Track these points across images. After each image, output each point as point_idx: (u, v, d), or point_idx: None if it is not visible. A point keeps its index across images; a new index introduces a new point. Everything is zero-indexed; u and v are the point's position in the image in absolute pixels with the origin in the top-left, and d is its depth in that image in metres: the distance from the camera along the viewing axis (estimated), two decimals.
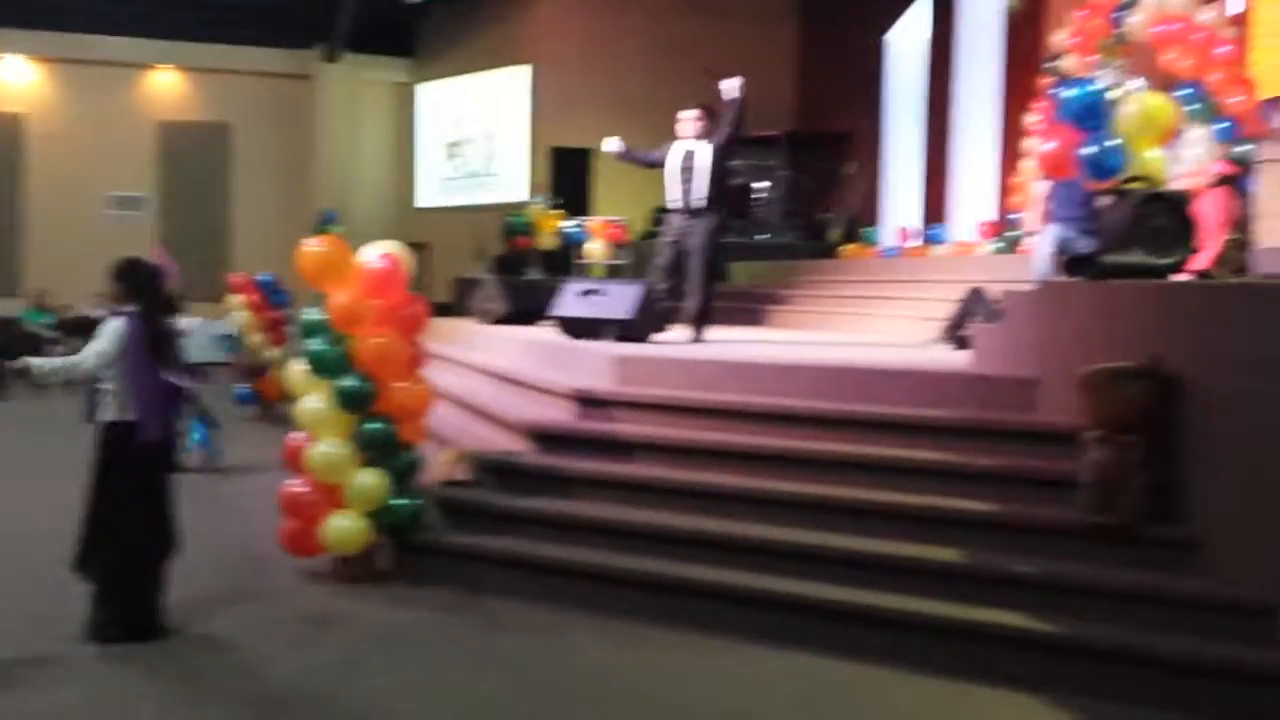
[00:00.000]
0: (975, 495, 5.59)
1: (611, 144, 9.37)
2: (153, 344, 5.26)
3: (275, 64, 21.91)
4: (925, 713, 4.66)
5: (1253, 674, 4.42)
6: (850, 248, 16.06)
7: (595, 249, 15.33)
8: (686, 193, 8.95)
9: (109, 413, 5.23)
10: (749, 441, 6.33)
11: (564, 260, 15.82)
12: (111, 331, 5.19)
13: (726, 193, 9.14)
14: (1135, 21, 10.96)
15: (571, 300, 9.30)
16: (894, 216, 17.19)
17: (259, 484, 8.45)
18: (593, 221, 15.69)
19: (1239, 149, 8.99)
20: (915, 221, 16.30)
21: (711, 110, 9.09)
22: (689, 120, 9.07)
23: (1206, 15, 10.35)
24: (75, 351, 5.30)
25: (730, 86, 8.91)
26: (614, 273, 15.22)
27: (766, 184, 17.65)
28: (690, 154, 8.97)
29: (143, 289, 5.35)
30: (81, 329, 16.65)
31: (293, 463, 6.43)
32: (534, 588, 5.93)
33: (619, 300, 8.93)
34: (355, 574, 6.30)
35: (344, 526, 6.20)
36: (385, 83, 22.95)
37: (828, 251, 16.41)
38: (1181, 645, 4.61)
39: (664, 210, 11.01)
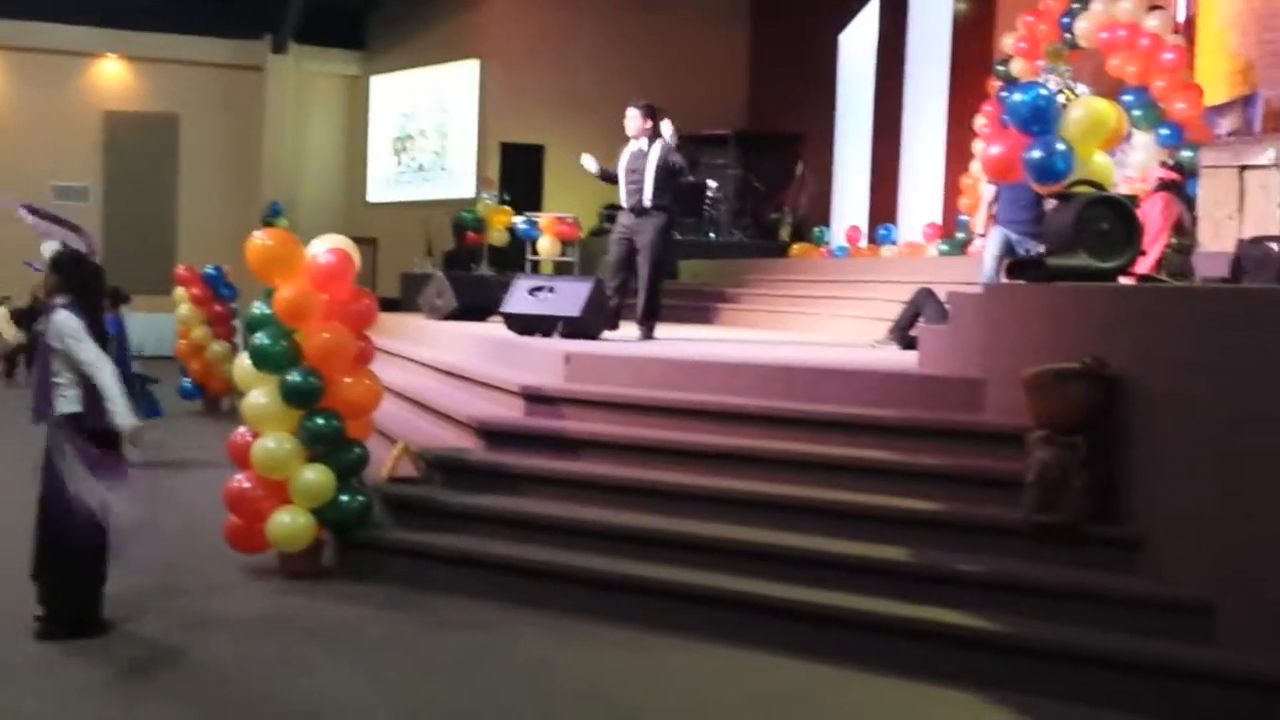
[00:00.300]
0: (921, 494, 5.63)
1: (589, 163, 9.32)
2: (92, 332, 5.20)
3: (224, 54, 21.66)
4: (871, 711, 4.68)
5: (1193, 672, 4.48)
6: (800, 247, 16.15)
7: (545, 245, 15.30)
8: (635, 192, 8.94)
9: (64, 406, 5.13)
10: (697, 439, 6.34)
11: (514, 256, 15.78)
12: (75, 327, 5.11)
13: (676, 192, 9.12)
14: (1083, 27, 11.11)
15: (521, 296, 9.27)
16: (844, 216, 17.29)
17: (204, 479, 8.34)
18: (543, 217, 15.65)
19: (1183, 154, 9.13)
20: (864, 222, 16.40)
21: (655, 109, 9.06)
22: (633, 118, 9.02)
23: (1153, 22, 10.51)
24: (21, 343, 5.23)
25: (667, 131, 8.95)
26: (563, 269, 15.21)
27: (716, 183, 17.70)
28: (639, 154, 8.97)
29: (83, 283, 5.28)
30: (23, 320, 16.45)
31: (238, 458, 6.36)
32: (480, 585, 5.90)
33: (568, 297, 8.92)
34: (300, 570, 6.23)
35: (289, 523, 6.13)
36: (335, 75, 22.78)
37: (778, 251, 16.48)
38: (1124, 643, 4.66)
39: (615, 207, 11.06)
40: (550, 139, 19.69)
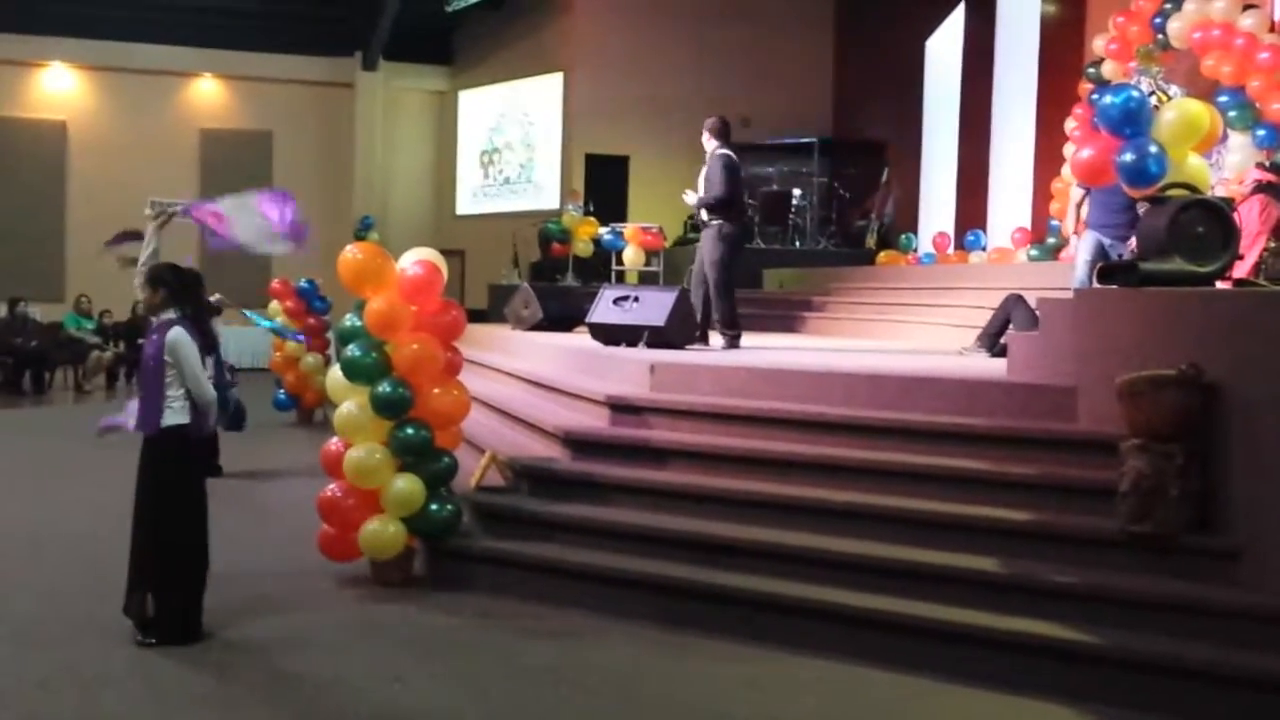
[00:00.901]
0: (1013, 504, 5.55)
1: (690, 198, 9.41)
2: (202, 341, 5.39)
3: (315, 72, 22.11)
4: None
5: None
6: (886, 254, 16.01)
7: (630, 255, 15.36)
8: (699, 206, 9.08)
9: (172, 418, 5.29)
10: (782, 449, 6.32)
11: (599, 267, 15.87)
12: (186, 345, 5.28)
13: (730, 199, 9.01)
14: (1176, 27, 10.89)
15: (606, 307, 9.33)
16: (931, 223, 17.11)
17: (297, 489, 8.51)
18: (627, 228, 15.72)
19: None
20: (952, 228, 16.22)
21: (724, 121, 9.18)
22: (705, 131, 9.20)
23: (1248, 21, 10.27)
24: (119, 354, 5.44)
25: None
26: (648, 279, 15.25)
27: (801, 191, 17.63)
28: (706, 166, 9.08)
29: (186, 293, 5.44)
30: (124, 334, 16.93)
31: (331, 468, 6.48)
32: (568, 594, 5.94)
33: (653, 307, 8.95)
34: (391, 579, 6.33)
35: (380, 531, 6.23)
36: (423, 90, 23.13)
37: (864, 258, 16.36)
38: (1222, 656, 4.55)
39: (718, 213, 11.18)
40: (634, 149, 19.78)
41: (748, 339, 9.23)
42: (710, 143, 9.16)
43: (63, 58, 21.11)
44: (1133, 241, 6.99)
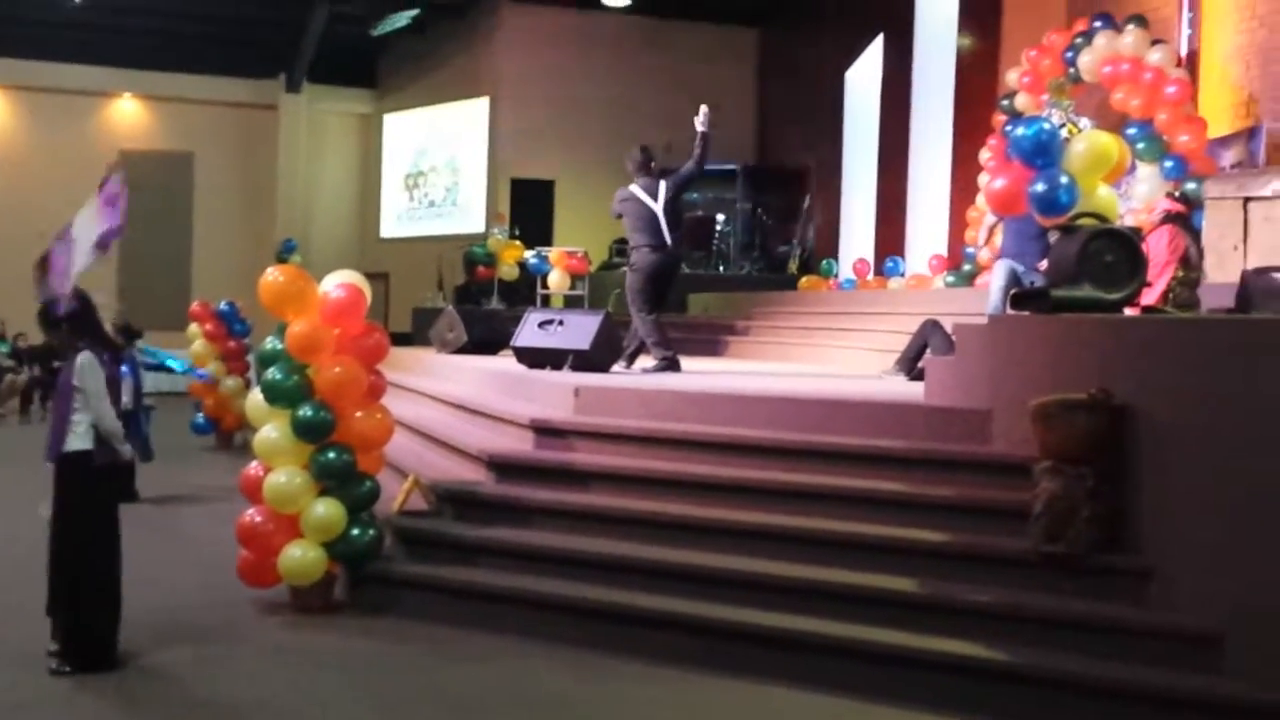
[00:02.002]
0: (929, 525, 5.65)
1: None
2: (112, 356, 5.33)
3: (238, 93, 21.90)
4: None
5: (1200, 703, 4.48)
6: (808, 280, 16.20)
7: (555, 279, 15.39)
8: None
9: (75, 443, 5.21)
10: (706, 471, 6.37)
11: (524, 290, 15.87)
12: (92, 369, 5.20)
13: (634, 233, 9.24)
14: (1086, 61, 11.19)
15: (531, 330, 9.34)
16: (851, 249, 17.36)
17: (216, 514, 8.39)
18: (553, 252, 15.75)
19: (1188, 186, 9.19)
20: (871, 254, 16.47)
21: (640, 150, 9.45)
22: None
23: (1155, 56, 10.59)
24: (34, 377, 5.34)
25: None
26: (573, 303, 15.29)
27: (725, 217, 17.81)
28: None
29: (84, 325, 5.37)
30: (39, 357, 16.56)
31: (250, 492, 6.41)
32: (492, 618, 5.92)
33: (578, 331, 8.99)
34: (312, 605, 6.26)
35: (300, 557, 6.17)
36: (348, 113, 23.00)
37: (786, 283, 16.54)
38: (1132, 674, 4.66)
39: (624, 242, 11.47)
40: (560, 174, 19.86)
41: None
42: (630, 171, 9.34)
43: None
44: (1044, 267, 7.17)
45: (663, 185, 9.19)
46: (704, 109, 8.98)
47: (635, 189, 9.21)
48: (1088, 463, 5.07)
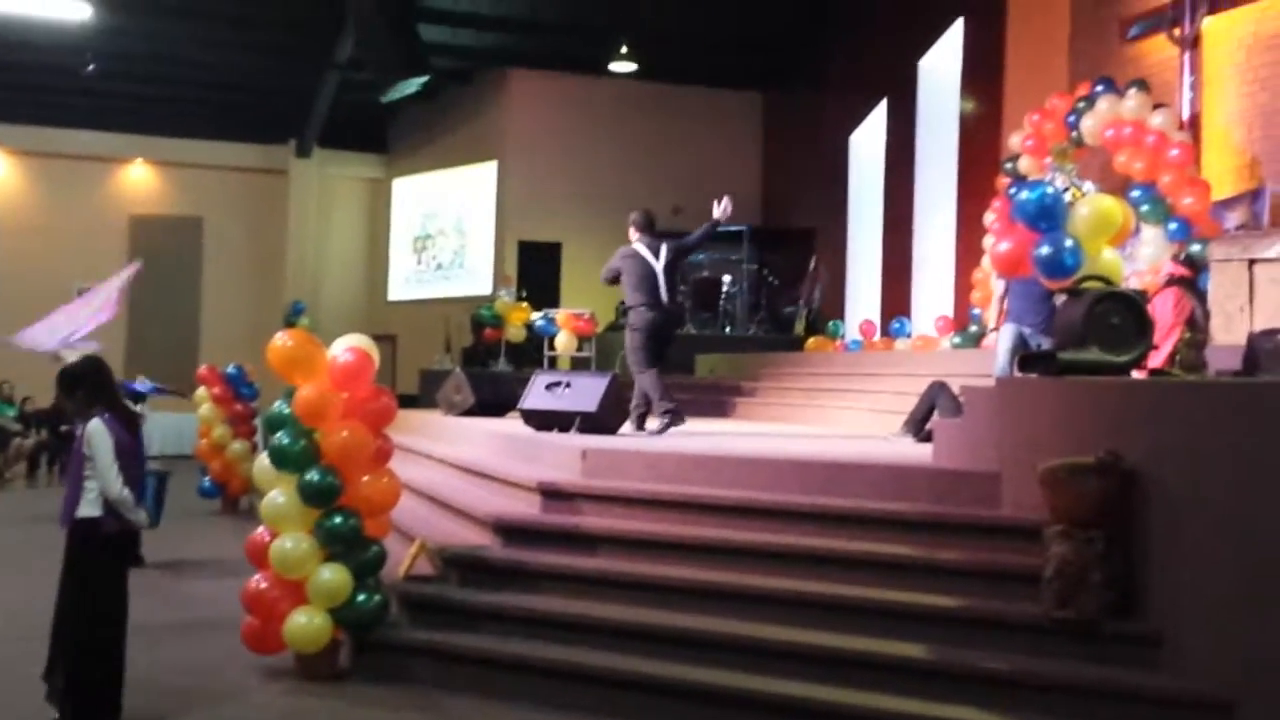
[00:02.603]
0: (939, 589, 5.61)
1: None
2: (126, 426, 5.31)
3: (248, 159, 22.13)
4: None
5: None
6: (814, 341, 16.22)
7: (562, 341, 15.42)
8: None
9: (85, 509, 5.21)
10: (714, 535, 6.34)
11: (531, 352, 15.91)
12: (100, 436, 5.20)
13: (633, 292, 9.32)
14: (1088, 125, 11.28)
15: (538, 392, 9.35)
16: (857, 310, 17.40)
17: (221, 580, 8.36)
18: (560, 314, 15.80)
19: (1193, 248, 9.21)
20: (878, 316, 16.51)
21: (643, 213, 9.60)
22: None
23: (1158, 120, 10.67)
24: (41, 441, 5.33)
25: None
26: (580, 365, 15.31)
27: (731, 278, 17.88)
28: None
29: (99, 388, 5.39)
30: (46, 421, 16.59)
31: (256, 558, 6.38)
32: (499, 685, 5.87)
33: (585, 393, 8.99)
34: (316, 672, 6.22)
35: (305, 623, 6.13)
36: (357, 178, 23.22)
37: (793, 344, 16.57)
38: None
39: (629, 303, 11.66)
40: (567, 237, 19.98)
41: (679, 425, 9.25)
42: (631, 234, 9.46)
43: None
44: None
45: (664, 246, 9.31)
46: (726, 201, 9.16)
47: (638, 246, 9.32)
48: (1098, 526, 5.04)
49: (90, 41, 17.56)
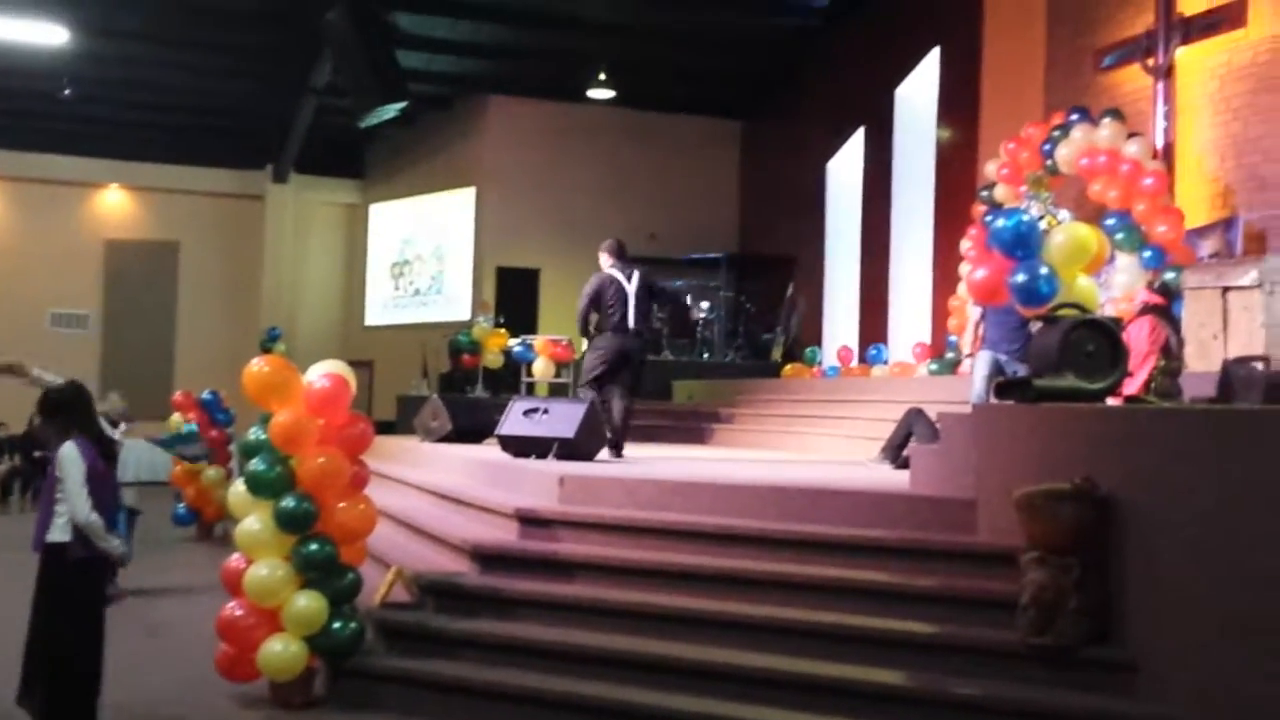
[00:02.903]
0: (915, 616, 5.61)
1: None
2: (102, 453, 5.27)
3: (225, 184, 22.07)
4: None
5: None
6: (792, 367, 16.26)
7: (540, 367, 15.40)
8: None
9: (55, 534, 5.16)
10: (691, 561, 6.33)
11: (509, 379, 15.86)
12: (71, 461, 5.15)
13: (593, 315, 9.68)
14: (1063, 154, 11.37)
15: (516, 419, 9.32)
16: (835, 337, 17.46)
17: (196, 607, 8.29)
18: (537, 340, 15.77)
19: (1167, 276, 9.29)
20: (855, 342, 16.56)
21: (615, 241, 9.75)
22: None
23: (1132, 149, 10.77)
24: (14, 467, 5.28)
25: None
26: (558, 391, 15.28)
27: (709, 304, 17.92)
28: None
29: (77, 414, 5.34)
30: (20, 446, 16.45)
31: (231, 585, 6.33)
32: (473, 712, 5.83)
33: (563, 419, 8.97)
34: (292, 700, 6.16)
35: (280, 651, 6.08)
36: (334, 203, 23.20)
37: (770, 371, 16.59)
38: None
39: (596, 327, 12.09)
40: (545, 263, 19.99)
41: (656, 450, 9.27)
42: (604, 260, 9.64)
43: None
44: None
45: (636, 273, 9.53)
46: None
47: (612, 271, 9.53)
48: (1074, 553, 5.06)
49: (66, 66, 17.51)
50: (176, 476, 13.34)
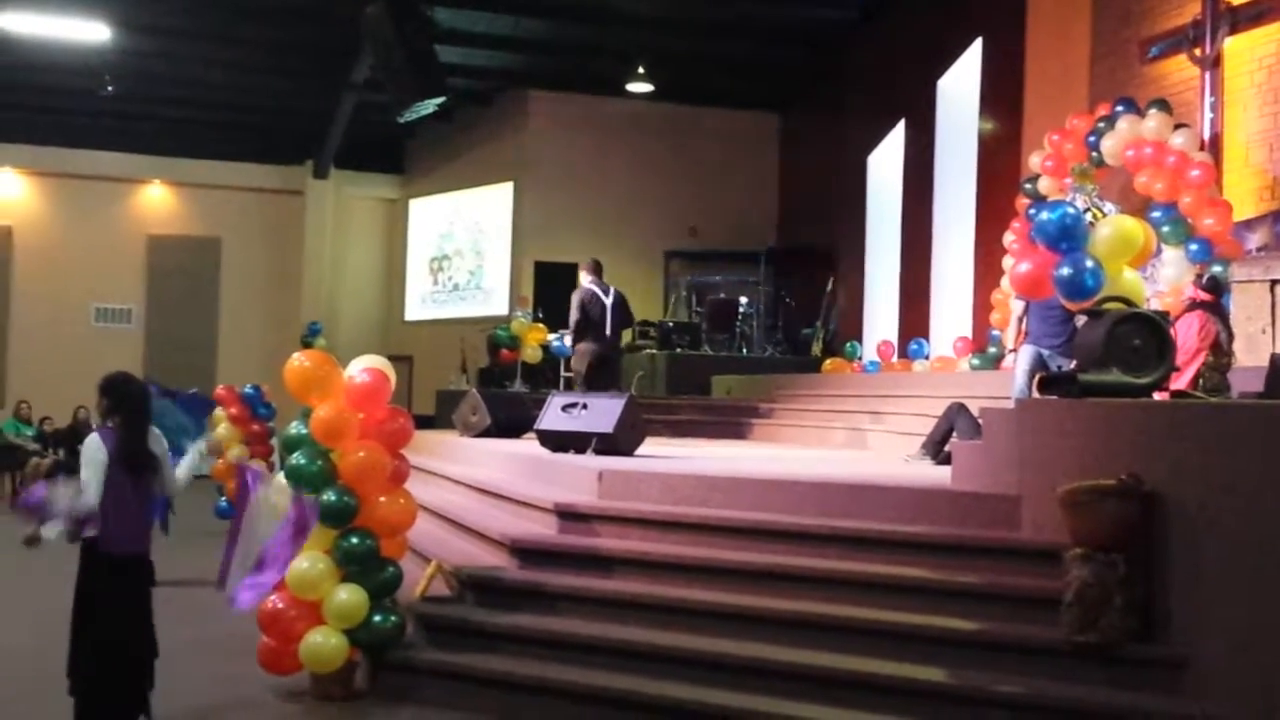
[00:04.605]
0: (958, 613, 5.57)
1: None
2: (127, 458, 5.21)
3: (266, 179, 22.22)
4: None
5: None
6: (832, 362, 16.18)
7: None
8: None
9: (90, 529, 5.18)
10: (730, 557, 6.31)
11: (547, 373, 15.88)
12: (93, 454, 5.17)
13: (584, 327, 11.20)
14: (1109, 145, 11.23)
15: (554, 413, 9.33)
16: (875, 331, 17.35)
17: None
18: None
19: (1214, 269, 9.15)
20: (895, 337, 16.45)
21: (594, 261, 11.57)
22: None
23: (1178, 140, 10.62)
24: (58, 460, 5.29)
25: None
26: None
27: (748, 299, 17.86)
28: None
29: (124, 404, 5.33)
30: (64, 440, 16.65)
31: None
32: (514, 707, 5.84)
33: (601, 414, 8.97)
34: (332, 693, 6.19)
35: (321, 644, 6.11)
36: (374, 198, 23.31)
37: (810, 366, 16.52)
38: None
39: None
40: (584, 257, 19.86)
41: (696, 446, 9.28)
42: (584, 277, 11.30)
43: (10, 164, 21.10)
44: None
45: (612, 290, 11.13)
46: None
47: (593, 288, 11.14)
48: (1119, 550, 5.00)
49: (108, 63, 17.69)
50: (218, 470, 13.44)
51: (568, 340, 15.46)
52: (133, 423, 5.31)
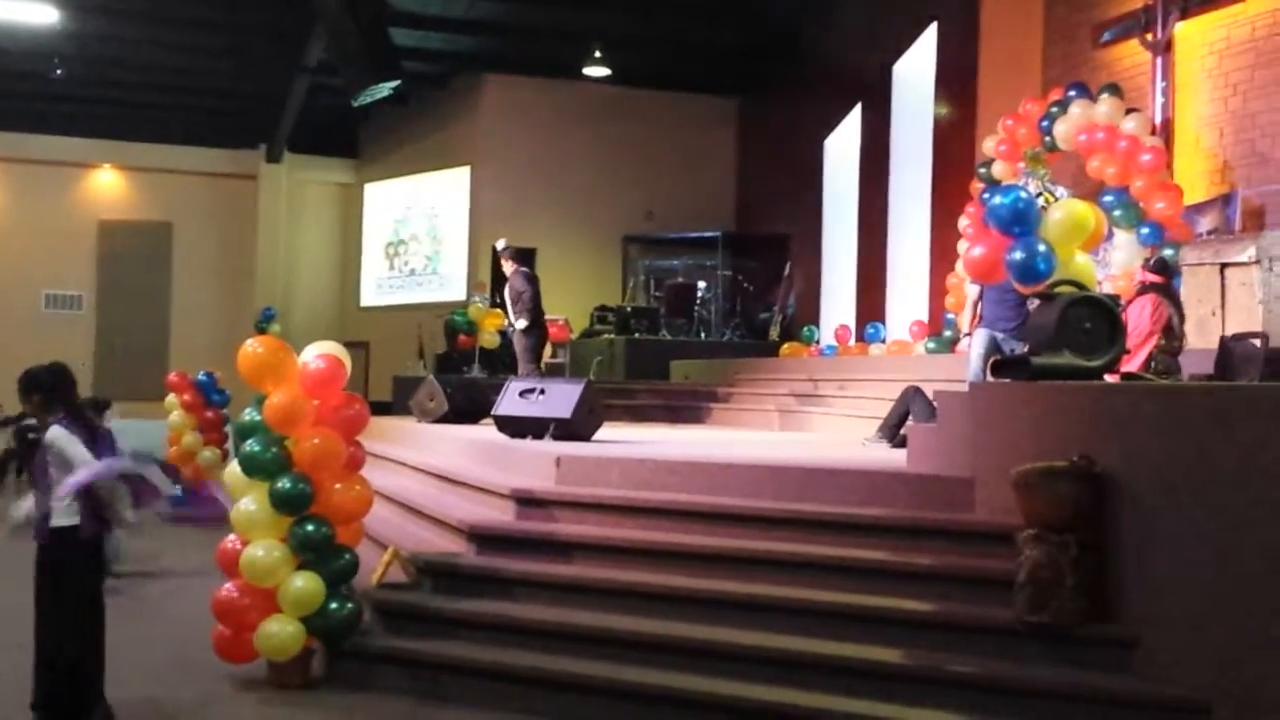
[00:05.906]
0: (912, 594, 5.61)
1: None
2: (93, 444, 5.21)
3: (218, 164, 21.98)
4: None
5: None
6: (789, 346, 16.24)
7: None
8: None
9: (61, 519, 5.13)
10: (688, 541, 6.32)
11: (505, 359, 15.83)
12: (63, 438, 5.13)
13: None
14: (1062, 130, 11.33)
15: (512, 399, 9.31)
16: (832, 315, 17.43)
17: (192, 588, 8.28)
18: None
19: (1165, 252, 9.26)
20: (853, 321, 16.53)
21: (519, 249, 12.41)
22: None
23: (1130, 125, 10.73)
24: (8, 450, 5.24)
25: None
26: (554, 371, 15.26)
27: (706, 284, 17.89)
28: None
29: (57, 393, 5.30)
30: (13, 429, 16.38)
31: (227, 566, 6.32)
32: (472, 693, 5.83)
33: (559, 399, 8.96)
34: (288, 680, 6.15)
35: (277, 632, 6.07)
36: (329, 183, 23.11)
37: (768, 350, 16.57)
38: None
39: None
40: (541, 242, 19.90)
41: (654, 430, 9.28)
42: (508, 265, 12.01)
43: None
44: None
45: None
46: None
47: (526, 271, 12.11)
48: (1071, 531, 5.05)
49: (57, 46, 17.42)
50: (172, 457, 13.32)
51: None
52: (77, 409, 5.33)
